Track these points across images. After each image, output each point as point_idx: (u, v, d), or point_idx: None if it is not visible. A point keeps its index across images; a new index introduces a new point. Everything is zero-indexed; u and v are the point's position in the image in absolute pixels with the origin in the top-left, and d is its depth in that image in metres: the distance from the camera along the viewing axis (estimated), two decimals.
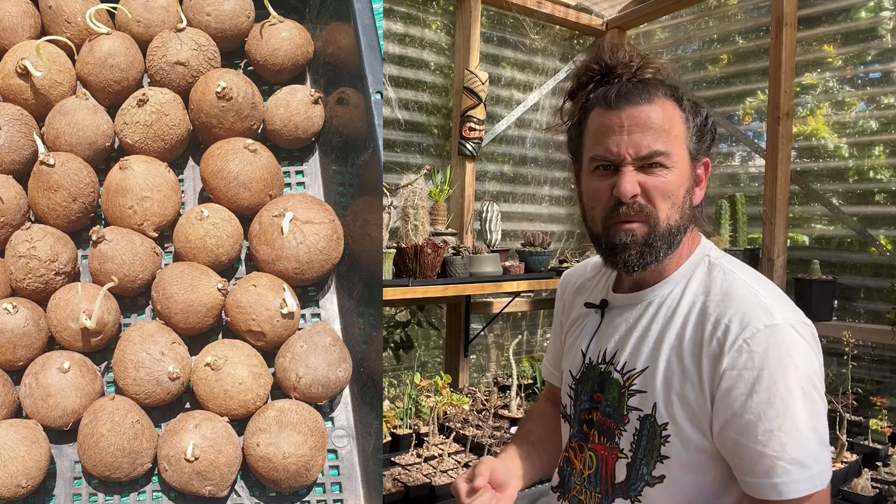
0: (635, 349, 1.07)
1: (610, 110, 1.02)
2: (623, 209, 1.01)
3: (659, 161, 1.00)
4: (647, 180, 1.01)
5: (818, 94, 3.12)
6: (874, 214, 2.93)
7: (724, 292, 1.01)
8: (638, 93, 1.02)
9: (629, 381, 1.06)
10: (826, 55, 3.09)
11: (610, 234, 1.04)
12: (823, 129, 3.10)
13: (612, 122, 1.02)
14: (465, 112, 3.08)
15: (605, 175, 1.03)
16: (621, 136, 1.01)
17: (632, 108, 1.01)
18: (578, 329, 1.22)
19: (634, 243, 1.02)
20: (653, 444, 1.02)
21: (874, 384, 2.92)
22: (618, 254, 1.03)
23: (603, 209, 1.04)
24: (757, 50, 3.32)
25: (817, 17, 3.10)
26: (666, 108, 1.02)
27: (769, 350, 0.93)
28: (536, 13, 3.38)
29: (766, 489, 0.92)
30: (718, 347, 0.96)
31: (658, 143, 1.00)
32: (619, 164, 1.01)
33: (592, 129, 1.05)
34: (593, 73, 1.08)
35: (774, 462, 0.91)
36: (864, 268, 2.96)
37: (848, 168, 3.02)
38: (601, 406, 1.10)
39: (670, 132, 1.01)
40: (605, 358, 1.12)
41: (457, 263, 2.55)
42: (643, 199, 1.01)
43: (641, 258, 1.03)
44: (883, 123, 2.92)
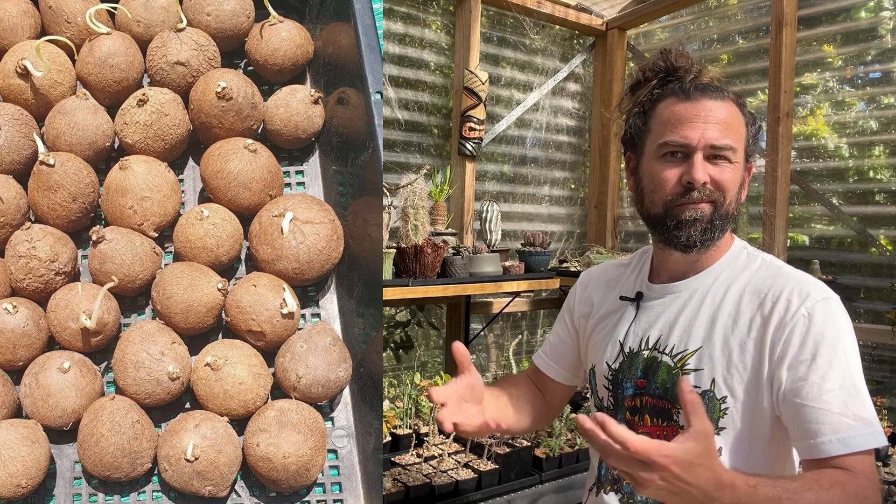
0: (685, 332, 1.14)
1: (688, 101, 1.10)
2: (694, 195, 1.09)
3: (726, 155, 1.09)
4: (715, 171, 1.09)
5: (818, 94, 3.12)
6: (874, 214, 2.93)
7: (773, 274, 1.11)
8: (713, 90, 1.11)
9: (681, 362, 1.13)
10: (826, 55, 3.09)
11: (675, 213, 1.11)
12: (823, 129, 3.10)
13: (689, 112, 1.09)
14: (465, 112, 3.08)
15: (672, 162, 1.11)
16: (696, 124, 1.08)
17: (709, 101, 1.09)
18: (612, 322, 1.28)
19: (701, 220, 1.10)
20: (711, 417, 1.07)
21: (874, 384, 2.92)
22: (682, 228, 1.10)
23: (668, 193, 1.11)
24: (757, 50, 3.32)
25: (817, 17, 3.10)
26: (733, 109, 1.11)
27: (827, 320, 1.03)
28: (536, 13, 3.38)
29: (833, 445, 0.98)
30: (780, 319, 1.04)
31: (729, 138, 1.09)
32: (692, 151, 1.08)
33: (665, 118, 1.12)
34: (659, 69, 1.18)
35: (840, 419, 0.98)
36: (864, 268, 2.96)
37: (848, 168, 3.02)
38: (648, 390, 1.16)
39: (737, 130, 1.11)
40: (647, 344, 1.19)
41: (457, 263, 2.55)
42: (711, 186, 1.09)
43: (704, 235, 1.10)
44: (883, 123, 2.92)
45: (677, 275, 1.20)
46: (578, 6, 3.56)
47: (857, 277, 2.98)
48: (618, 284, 1.32)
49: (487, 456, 2.30)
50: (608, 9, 3.63)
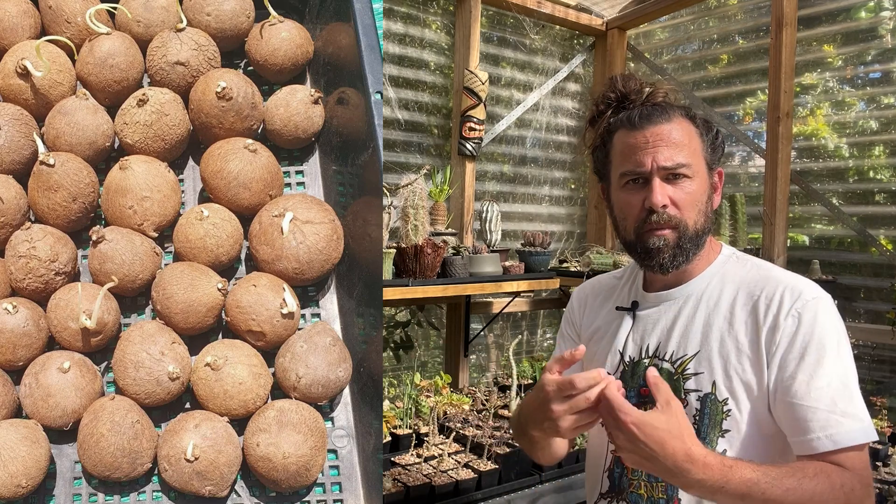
0: (683, 338, 1.17)
1: (634, 130, 1.15)
2: (654, 217, 1.13)
3: (682, 172, 1.13)
4: (675, 192, 1.13)
5: (818, 94, 3.12)
6: (874, 214, 2.93)
7: (764, 276, 1.15)
8: (658, 114, 1.15)
9: (681, 367, 1.15)
10: (826, 55, 3.09)
11: (643, 239, 1.15)
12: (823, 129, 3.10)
13: (638, 140, 1.14)
14: (465, 112, 3.08)
15: (634, 188, 1.16)
16: (647, 151, 1.13)
17: (654, 127, 1.14)
18: (610, 333, 1.30)
19: (667, 247, 1.14)
20: (714, 420, 1.10)
21: (874, 384, 2.92)
22: (653, 257, 1.15)
23: (635, 220, 1.16)
24: (757, 50, 3.32)
25: (817, 17, 3.10)
26: (683, 126, 1.15)
27: (817, 318, 1.06)
28: (536, 13, 3.38)
29: (821, 442, 1.01)
30: (774, 319, 1.08)
31: (680, 156, 1.13)
32: (647, 176, 1.13)
33: (619, 149, 1.18)
34: (610, 101, 1.23)
35: (828, 416, 1.01)
36: (864, 268, 2.96)
37: (848, 168, 3.02)
38: (652, 398, 1.15)
39: (689, 146, 1.14)
40: (648, 352, 1.21)
41: (457, 263, 2.55)
42: (673, 209, 1.13)
43: (674, 259, 1.15)
44: (883, 123, 2.92)
45: (670, 282, 1.23)
46: (578, 6, 3.56)
47: (857, 277, 2.98)
48: (612, 296, 1.35)
49: (487, 456, 2.30)
50: (608, 9, 3.64)
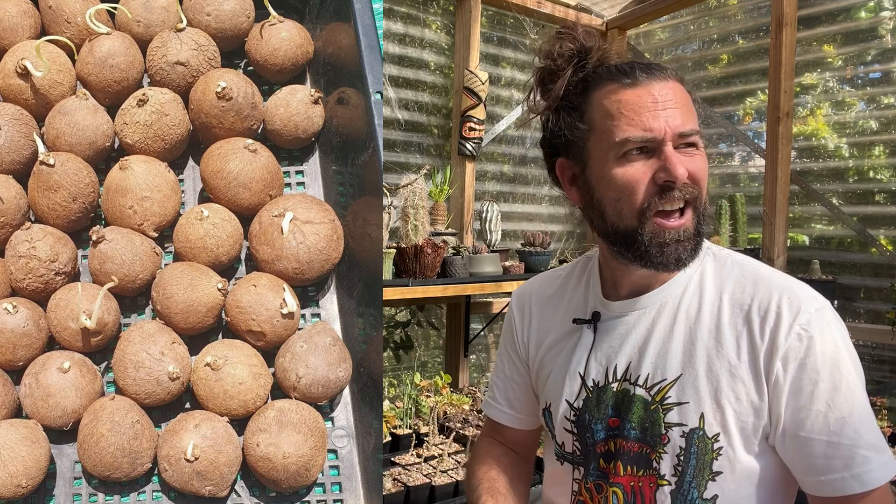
0: (660, 358, 0.95)
1: (635, 86, 0.91)
2: (676, 194, 0.90)
3: (694, 141, 0.92)
4: (688, 162, 0.90)
5: (818, 94, 3.12)
6: (874, 214, 2.93)
7: (752, 279, 0.94)
8: (657, 69, 0.92)
9: (660, 395, 0.94)
10: (826, 55, 3.09)
11: (654, 231, 0.91)
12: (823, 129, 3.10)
13: (643, 98, 0.90)
14: (465, 112, 3.08)
15: (638, 159, 0.91)
16: (657, 112, 0.89)
17: (661, 84, 0.91)
18: (565, 350, 1.07)
19: (688, 238, 0.92)
20: (703, 461, 0.91)
21: (874, 384, 2.92)
22: (669, 254, 0.91)
23: (643, 199, 0.91)
24: (757, 50, 3.32)
25: (817, 17, 3.10)
26: (683, 88, 0.94)
27: (825, 336, 0.87)
28: (536, 13, 3.38)
29: (847, 483, 0.84)
30: (772, 339, 0.88)
31: (693, 122, 0.91)
32: (657, 144, 0.90)
33: (613, 110, 0.92)
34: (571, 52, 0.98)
35: (853, 451, 0.84)
36: (864, 268, 2.96)
37: (848, 168, 3.03)
38: (622, 431, 0.97)
39: (695, 112, 0.94)
40: (615, 375, 0.99)
41: (457, 263, 2.55)
42: (690, 181, 0.91)
43: (695, 251, 0.93)
44: (883, 123, 2.92)
45: (639, 287, 1.00)
46: (578, 6, 3.56)
47: (857, 277, 2.98)
48: (562, 302, 1.11)
49: None
50: (608, 9, 3.63)
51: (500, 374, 1.22)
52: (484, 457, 1.23)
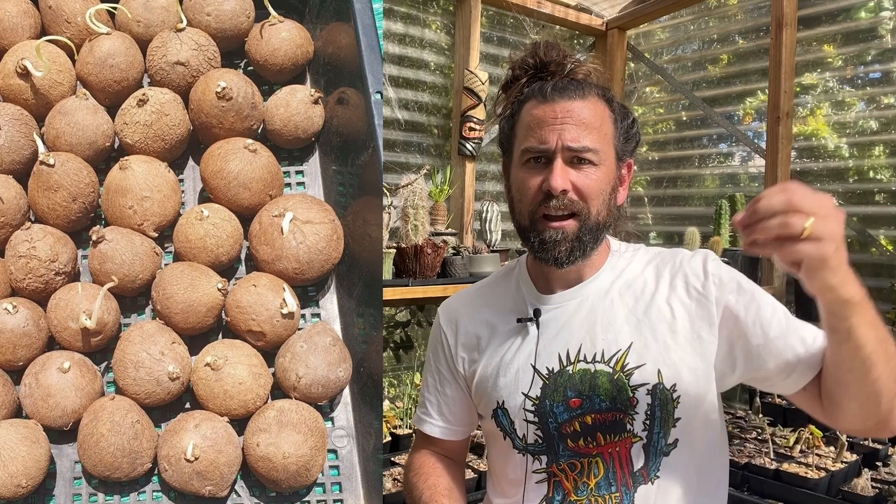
0: (608, 333, 1.07)
1: (545, 103, 1.04)
2: (553, 202, 1.03)
3: (588, 157, 1.03)
4: (578, 178, 1.03)
5: (818, 94, 3.12)
6: (874, 214, 2.93)
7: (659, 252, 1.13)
8: (573, 89, 1.04)
9: (619, 365, 1.05)
10: (826, 55, 3.09)
11: (539, 228, 1.05)
12: (823, 129, 3.10)
13: (546, 115, 1.03)
14: (465, 112, 3.08)
15: (535, 168, 1.05)
16: (553, 127, 1.02)
17: (566, 102, 1.03)
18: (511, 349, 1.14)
19: (565, 239, 1.04)
20: (667, 410, 1.03)
21: None
22: (548, 250, 1.05)
23: (530, 202, 1.05)
24: (757, 50, 3.32)
25: (817, 17, 3.10)
26: (598, 107, 1.05)
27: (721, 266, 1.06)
28: (536, 13, 3.38)
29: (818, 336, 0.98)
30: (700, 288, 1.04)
31: (589, 139, 1.02)
32: (550, 155, 1.03)
33: (526, 122, 1.07)
34: (528, 67, 1.10)
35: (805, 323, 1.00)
36: (864, 268, 2.96)
37: (848, 168, 3.02)
38: (591, 407, 1.06)
39: (601, 130, 1.04)
40: (569, 359, 1.09)
41: (457, 263, 2.55)
42: (574, 195, 1.03)
43: (571, 254, 1.05)
44: (883, 123, 2.92)
45: (572, 280, 1.12)
46: (578, 6, 3.56)
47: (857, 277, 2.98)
48: (495, 307, 1.20)
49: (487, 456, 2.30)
50: (608, 9, 3.63)
51: (430, 390, 1.29)
52: (421, 466, 1.28)
